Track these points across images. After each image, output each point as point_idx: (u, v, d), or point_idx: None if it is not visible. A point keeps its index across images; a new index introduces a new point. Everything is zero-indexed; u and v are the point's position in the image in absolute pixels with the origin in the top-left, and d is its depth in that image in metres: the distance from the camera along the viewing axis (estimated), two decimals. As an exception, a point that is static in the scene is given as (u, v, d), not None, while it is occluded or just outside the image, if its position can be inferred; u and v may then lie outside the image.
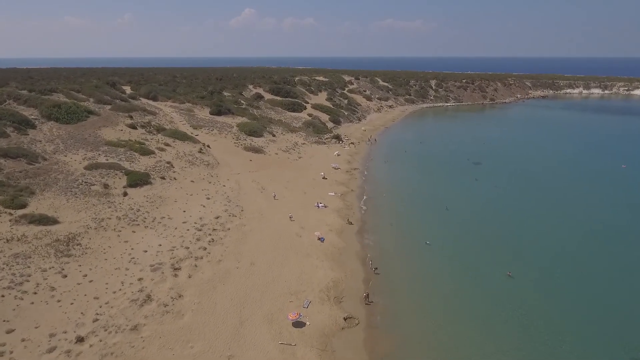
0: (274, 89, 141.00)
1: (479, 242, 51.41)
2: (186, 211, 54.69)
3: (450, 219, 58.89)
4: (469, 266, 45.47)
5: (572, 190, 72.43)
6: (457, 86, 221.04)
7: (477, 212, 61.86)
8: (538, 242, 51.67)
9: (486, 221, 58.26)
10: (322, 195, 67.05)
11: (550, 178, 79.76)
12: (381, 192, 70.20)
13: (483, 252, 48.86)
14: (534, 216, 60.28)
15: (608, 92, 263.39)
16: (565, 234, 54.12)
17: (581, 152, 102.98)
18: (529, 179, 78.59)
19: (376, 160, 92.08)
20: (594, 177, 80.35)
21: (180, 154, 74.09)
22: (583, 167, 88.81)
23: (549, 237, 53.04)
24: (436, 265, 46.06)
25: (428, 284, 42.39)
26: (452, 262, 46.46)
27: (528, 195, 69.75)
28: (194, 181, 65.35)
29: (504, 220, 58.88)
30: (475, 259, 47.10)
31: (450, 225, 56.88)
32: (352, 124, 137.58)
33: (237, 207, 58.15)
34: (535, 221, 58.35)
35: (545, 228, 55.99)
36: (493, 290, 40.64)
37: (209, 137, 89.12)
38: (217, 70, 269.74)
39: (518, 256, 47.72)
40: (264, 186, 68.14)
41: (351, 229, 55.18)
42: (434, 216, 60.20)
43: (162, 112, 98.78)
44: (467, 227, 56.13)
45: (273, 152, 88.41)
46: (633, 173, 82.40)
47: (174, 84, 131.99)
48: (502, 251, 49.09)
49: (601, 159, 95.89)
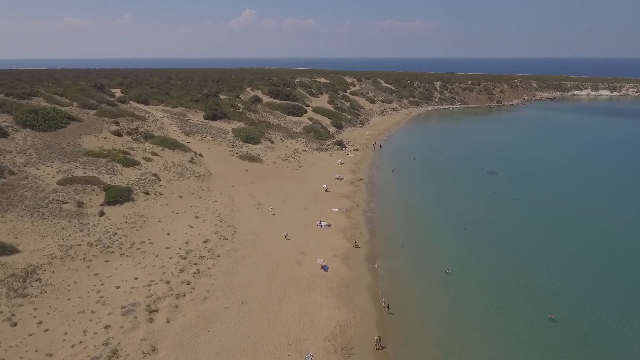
0: (273, 91, 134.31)
1: (508, 272, 44.58)
2: (171, 234, 47.95)
3: (470, 241, 52.09)
4: (499, 305, 38.61)
5: (604, 204, 65.59)
6: (463, 88, 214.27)
7: (499, 231, 55.05)
8: (580, 270, 44.86)
9: (512, 244, 51.39)
10: (325, 211, 60.32)
11: (576, 190, 72.94)
12: (390, 207, 63.42)
13: (515, 286, 42.04)
14: (569, 237, 53.45)
15: (617, 93, 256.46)
16: (612, 261, 47.28)
17: (604, 160, 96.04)
18: (552, 191, 71.76)
19: (382, 169, 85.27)
20: (626, 190, 73.43)
21: (168, 164, 67.35)
22: (611, 177, 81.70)
23: (591, 265, 46.23)
24: (459, 302, 39.19)
25: (451, 328, 35.53)
26: (479, 299, 39.60)
27: (555, 210, 62.96)
28: (182, 196, 58.59)
29: (534, 242, 52.01)
30: (506, 295, 40.26)
31: (471, 248, 50.10)
32: (355, 129, 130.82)
33: (230, 228, 51.37)
34: (573, 243, 51.51)
35: (585, 252, 49.19)
36: (531, 340, 33.79)
37: (202, 144, 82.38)
38: (215, 71, 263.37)
39: (559, 291, 40.89)
40: (261, 201, 61.39)
41: (359, 253, 48.40)
42: (451, 237, 53.39)
43: (153, 117, 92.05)
44: (491, 251, 49.31)
45: (271, 160, 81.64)
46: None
47: (167, 87, 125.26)
48: (538, 284, 42.26)
49: (629, 168, 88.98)
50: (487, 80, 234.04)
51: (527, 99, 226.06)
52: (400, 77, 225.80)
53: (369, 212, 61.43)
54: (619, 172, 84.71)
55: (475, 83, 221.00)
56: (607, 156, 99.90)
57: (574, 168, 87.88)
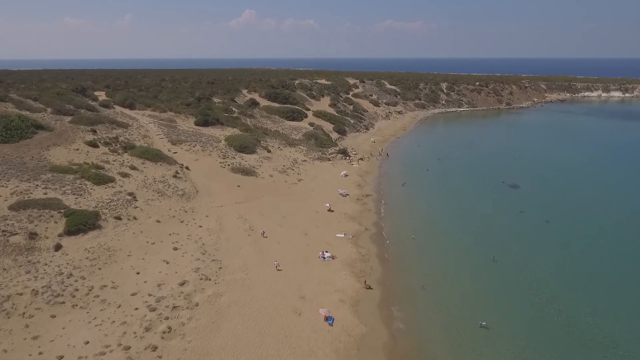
0: (270, 94, 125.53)
1: (558, 324, 35.77)
2: (141, 273, 39.25)
3: (503, 278, 43.31)
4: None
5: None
6: (470, 89, 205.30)
7: (535, 265, 46.20)
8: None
9: (553, 280, 42.63)
10: (329, 237, 51.56)
11: (615, 208, 64.15)
12: (404, 232, 54.65)
13: (569, 343, 33.24)
14: (620, 268, 44.69)
15: (629, 95, 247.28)
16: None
17: (636, 170, 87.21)
18: (588, 210, 63.13)
19: (392, 183, 76.45)
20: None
21: (148, 180, 58.60)
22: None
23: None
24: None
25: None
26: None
27: (597, 234, 54.22)
28: (161, 221, 49.81)
29: (580, 280, 43.24)
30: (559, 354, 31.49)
31: (506, 289, 41.32)
32: (359, 134, 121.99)
33: (214, 263, 42.61)
34: (627, 276, 42.74)
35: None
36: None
37: (190, 155, 73.62)
38: (212, 72, 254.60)
39: (624, 346, 32.13)
40: (253, 225, 52.63)
41: (370, 297, 39.62)
42: (479, 273, 44.55)
43: (137, 123, 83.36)
44: (530, 293, 40.50)
45: (267, 173, 72.84)
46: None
47: (157, 89, 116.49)
48: (597, 339, 33.46)
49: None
50: (495, 81, 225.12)
51: (536, 101, 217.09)
52: (404, 78, 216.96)
53: (379, 239, 52.61)
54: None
55: (483, 84, 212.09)
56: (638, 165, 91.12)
57: (605, 180, 79.02)
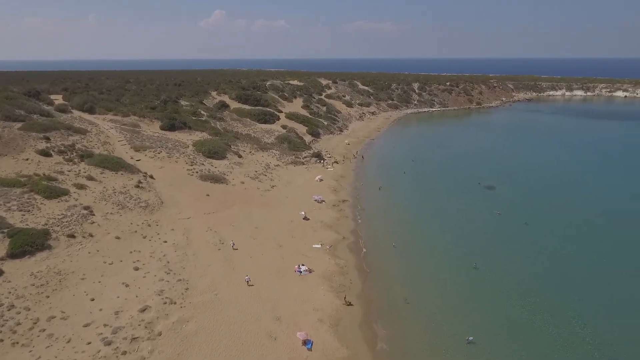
0: (241, 95, 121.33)
1: (547, 335, 34.19)
2: (96, 299, 35.16)
3: (486, 287, 41.65)
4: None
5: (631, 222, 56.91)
6: (442, 89, 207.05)
7: (518, 270, 44.83)
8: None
9: (538, 288, 41.25)
10: (305, 248, 48.67)
11: (589, 206, 64.32)
12: (383, 240, 52.37)
13: (561, 357, 31.65)
14: (603, 269, 43.90)
15: (590, 93, 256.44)
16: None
17: (607, 167, 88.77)
18: (566, 210, 62.85)
19: (368, 187, 74.33)
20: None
21: (108, 192, 53.95)
22: (623, 188, 73.97)
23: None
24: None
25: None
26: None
27: (575, 234, 53.72)
28: (121, 237, 45.55)
29: (564, 284, 42.09)
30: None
31: (491, 300, 39.61)
32: (333, 136, 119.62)
33: (180, 283, 38.91)
34: (617, 281, 41.88)
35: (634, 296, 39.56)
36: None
37: (155, 162, 69.04)
38: (181, 73, 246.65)
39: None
40: (224, 238, 49.10)
41: (352, 314, 36.97)
42: (462, 283, 42.71)
43: (97, 129, 77.79)
44: (515, 302, 38.90)
45: (238, 180, 69.18)
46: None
47: (119, 92, 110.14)
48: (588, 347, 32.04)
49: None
50: (465, 81, 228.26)
51: (505, 100, 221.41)
52: (377, 79, 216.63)
53: (358, 248, 50.13)
54: (631, 180, 77.23)
55: (453, 84, 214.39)
56: (609, 163, 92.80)
57: (578, 180, 79.57)
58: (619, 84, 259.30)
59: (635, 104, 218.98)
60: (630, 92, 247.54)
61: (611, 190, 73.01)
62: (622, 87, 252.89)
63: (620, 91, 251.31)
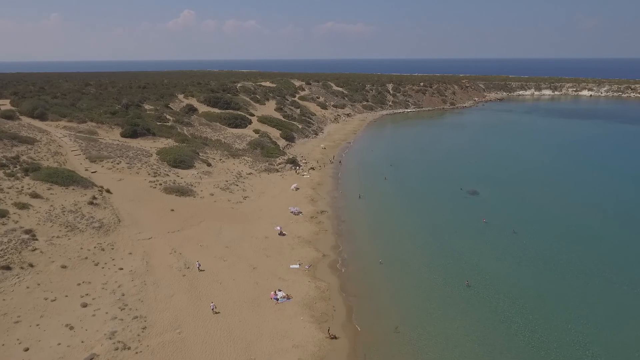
0: (210, 98, 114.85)
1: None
2: (31, 348, 29.28)
3: (481, 309, 38.08)
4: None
5: (621, 226, 54.97)
6: (415, 90, 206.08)
7: (512, 286, 41.58)
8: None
9: (535, 307, 38.02)
10: (281, 269, 43.90)
11: (578, 209, 62.50)
12: (367, 257, 48.26)
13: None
14: (598, 280, 41.18)
15: (558, 93, 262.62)
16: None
17: (587, 166, 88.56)
18: (549, 214, 60.70)
19: (347, 195, 70.15)
20: (625, 199, 64.24)
21: (55, 211, 47.39)
22: (607, 187, 72.97)
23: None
24: None
25: None
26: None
27: (565, 241, 51.29)
28: (68, 266, 39.42)
29: (561, 299, 39.04)
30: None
31: (487, 324, 35.96)
32: (308, 140, 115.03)
33: (136, 321, 33.36)
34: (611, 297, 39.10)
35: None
36: None
37: (113, 174, 62.50)
38: (147, 75, 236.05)
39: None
40: (189, 260, 43.71)
41: (337, 350, 32.46)
42: (456, 304, 38.98)
43: (48, 137, 70.31)
44: (512, 326, 35.46)
45: (207, 191, 63.54)
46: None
47: (76, 96, 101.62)
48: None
49: (621, 172, 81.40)
50: (438, 81, 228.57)
51: (477, 100, 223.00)
52: (350, 80, 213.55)
53: (340, 266, 45.75)
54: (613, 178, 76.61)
55: (427, 85, 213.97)
56: (590, 163, 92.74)
57: (562, 182, 78.05)
58: (584, 83, 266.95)
59: (601, 103, 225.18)
60: (595, 92, 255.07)
61: (596, 191, 71.84)
62: (588, 87, 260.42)
63: (586, 90, 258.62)
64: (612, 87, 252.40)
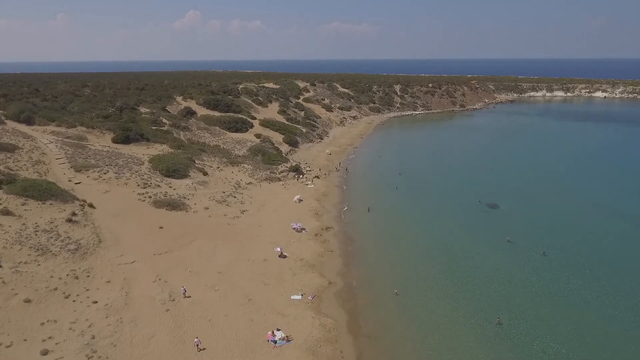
0: (210, 101, 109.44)
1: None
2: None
3: (518, 357, 31.97)
4: None
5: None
6: (424, 91, 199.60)
7: (551, 327, 35.51)
8: None
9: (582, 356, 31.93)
10: (281, 302, 38.11)
11: (613, 224, 56.24)
12: (379, 286, 42.31)
13: None
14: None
15: (570, 94, 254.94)
16: None
17: (622, 177, 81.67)
18: (585, 231, 54.60)
19: (356, 208, 64.18)
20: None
21: (27, 231, 41.95)
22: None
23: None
24: None
25: None
26: None
27: (608, 265, 44.95)
28: (33, 300, 33.86)
29: (614, 343, 32.93)
30: None
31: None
32: (312, 145, 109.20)
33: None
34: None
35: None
36: None
37: (99, 185, 57.11)
38: (149, 75, 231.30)
39: None
40: (175, 290, 38.05)
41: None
42: (487, 349, 32.96)
43: (32, 144, 65.12)
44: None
45: (201, 205, 57.92)
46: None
47: (68, 98, 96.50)
48: None
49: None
50: (447, 82, 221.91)
51: (487, 102, 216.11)
52: (357, 81, 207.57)
53: (350, 298, 39.88)
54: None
55: (436, 86, 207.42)
56: (619, 171, 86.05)
57: (593, 191, 71.64)
58: (597, 84, 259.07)
59: (616, 105, 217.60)
60: (609, 93, 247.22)
61: (631, 203, 65.37)
62: (601, 88, 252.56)
63: (600, 92, 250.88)
64: (627, 88, 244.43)
